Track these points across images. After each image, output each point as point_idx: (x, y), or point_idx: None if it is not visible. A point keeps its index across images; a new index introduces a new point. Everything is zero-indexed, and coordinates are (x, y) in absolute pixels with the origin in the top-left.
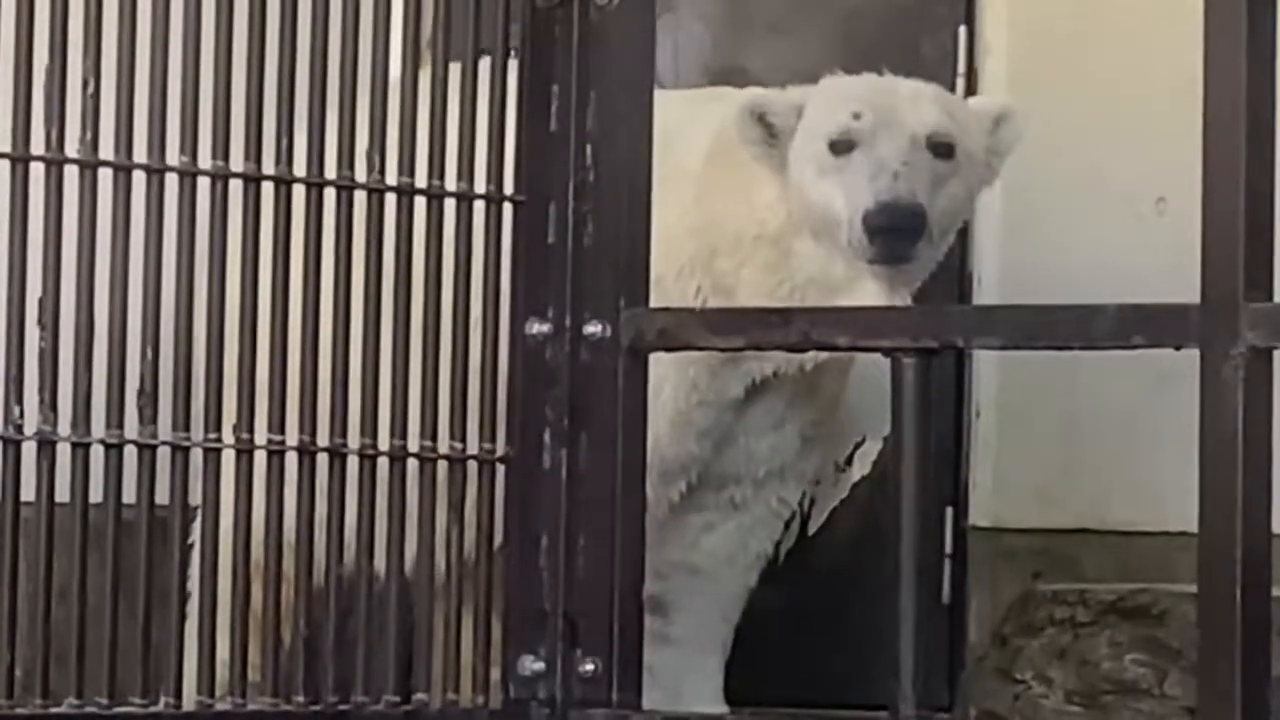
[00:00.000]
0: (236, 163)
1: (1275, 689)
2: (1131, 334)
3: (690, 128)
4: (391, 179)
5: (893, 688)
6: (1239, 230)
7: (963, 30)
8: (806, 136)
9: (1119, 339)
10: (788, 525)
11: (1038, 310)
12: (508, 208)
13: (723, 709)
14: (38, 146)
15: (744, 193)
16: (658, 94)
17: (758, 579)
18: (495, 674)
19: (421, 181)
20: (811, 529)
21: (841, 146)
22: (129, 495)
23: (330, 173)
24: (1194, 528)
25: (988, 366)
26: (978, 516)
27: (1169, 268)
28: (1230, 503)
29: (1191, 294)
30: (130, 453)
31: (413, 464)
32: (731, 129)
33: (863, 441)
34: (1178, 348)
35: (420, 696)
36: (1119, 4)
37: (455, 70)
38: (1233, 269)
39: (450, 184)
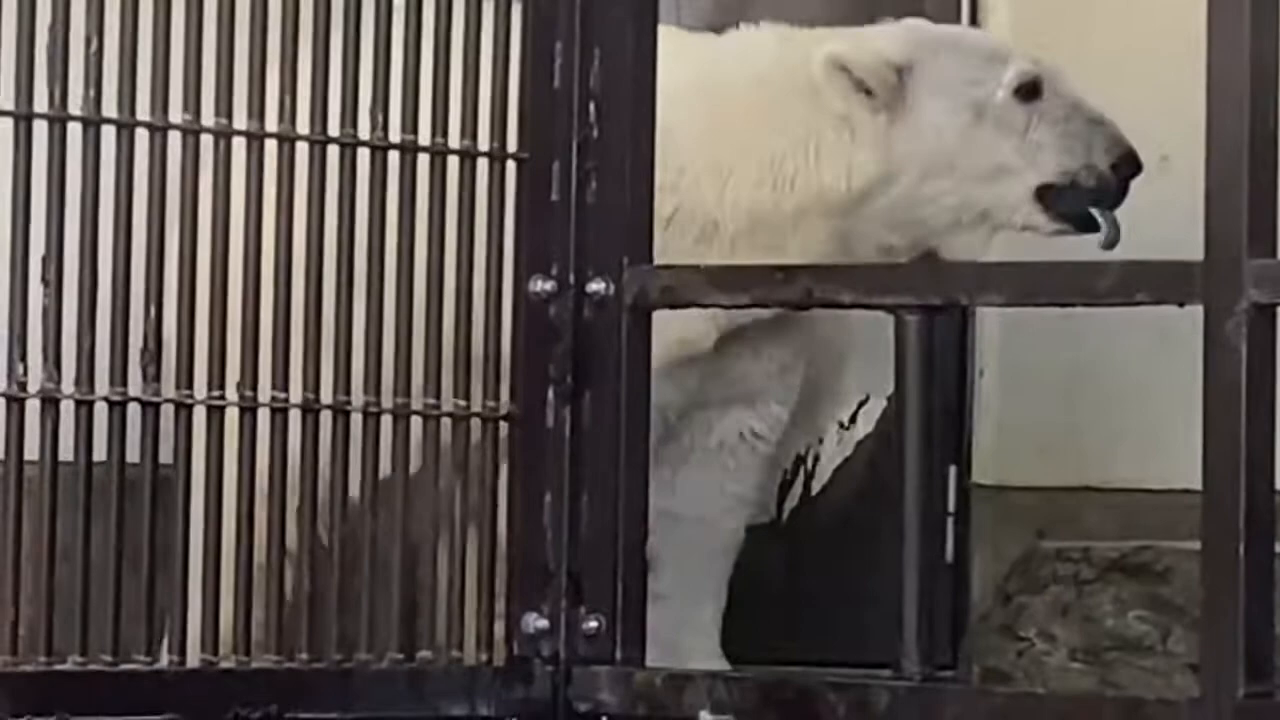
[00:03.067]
0: (240, 120)
1: (1279, 646)
2: (1135, 291)
3: None
4: (395, 136)
5: (896, 646)
6: (1242, 187)
7: None
8: (951, 84)
9: (1122, 296)
10: (788, 485)
11: (1041, 267)
12: (511, 165)
13: (721, 663)
14: (41, 104)
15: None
16: None
17: (744, 528)
18: (499, 631)
19: (425, 139)
20: (815, 488)
21: (1029, 92)
22: (133, 453)
23: (333, 130)
24: (1197, 485)
25: (991, 324)
26: (981, 474)
27: (1173, 225)
28: (1233, 459)
29: (1195, 251)
30: (134, 410)
31: (416, 421)
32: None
33: (866, 400)
34: (1181, 305)
35: (424, 654)
36: None
37: (459, 27)
38: (1236, 226)
39: (454, 141)
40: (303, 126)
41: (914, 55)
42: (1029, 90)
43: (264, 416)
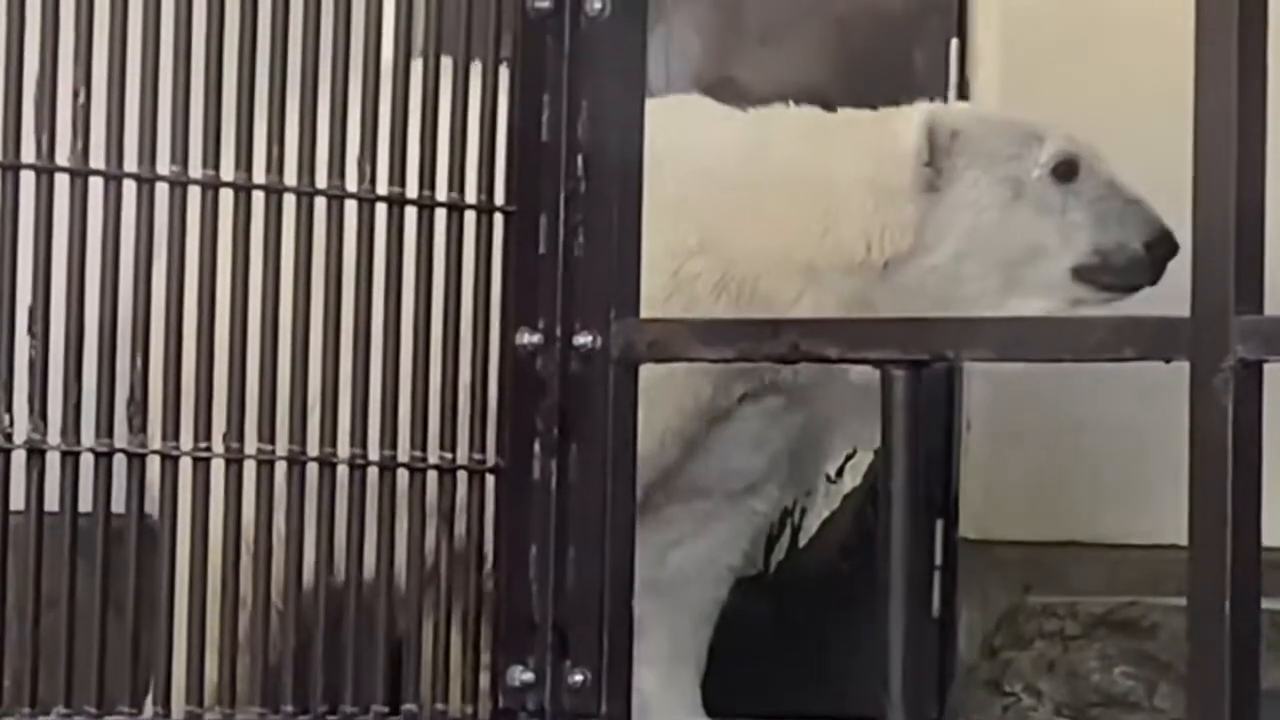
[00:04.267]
0: (227, 172)
1: (1264, 703)
2: (1122, 346)
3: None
4: (382, 188)
5: (882, 699)
6: (1229, 243)
7: (954, 42)
8: (992, 161)
9: (1110, 351)
10: (775, 538)
11: (1029, 322)
12: (498, 218)
13: None
14: (28, 155)
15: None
16: None
17: (728, 590)
18: (484, 684)
19: (412, 191)
20: (802, 540)
21: (1065, 172)
22: (118, 504)
23: (321, 182)
24: (1184, 540)
25: (978, 378)
26: (968, 528)
27: (1161, 280)
28: (1220, 516)
29: (1182, 307)
30: (120, 461)
31: (402, 474)
32: (913, 142)
33: (854, 453)
34: (1168, 360)
35: (409, 707)
36: (1111, 16)
37: (446, 80)
38: (1223, 282)
39: (441, 194)
40: (290, 179)
41: (962, 128)
42: (1065, 170)
43: (250, 468)
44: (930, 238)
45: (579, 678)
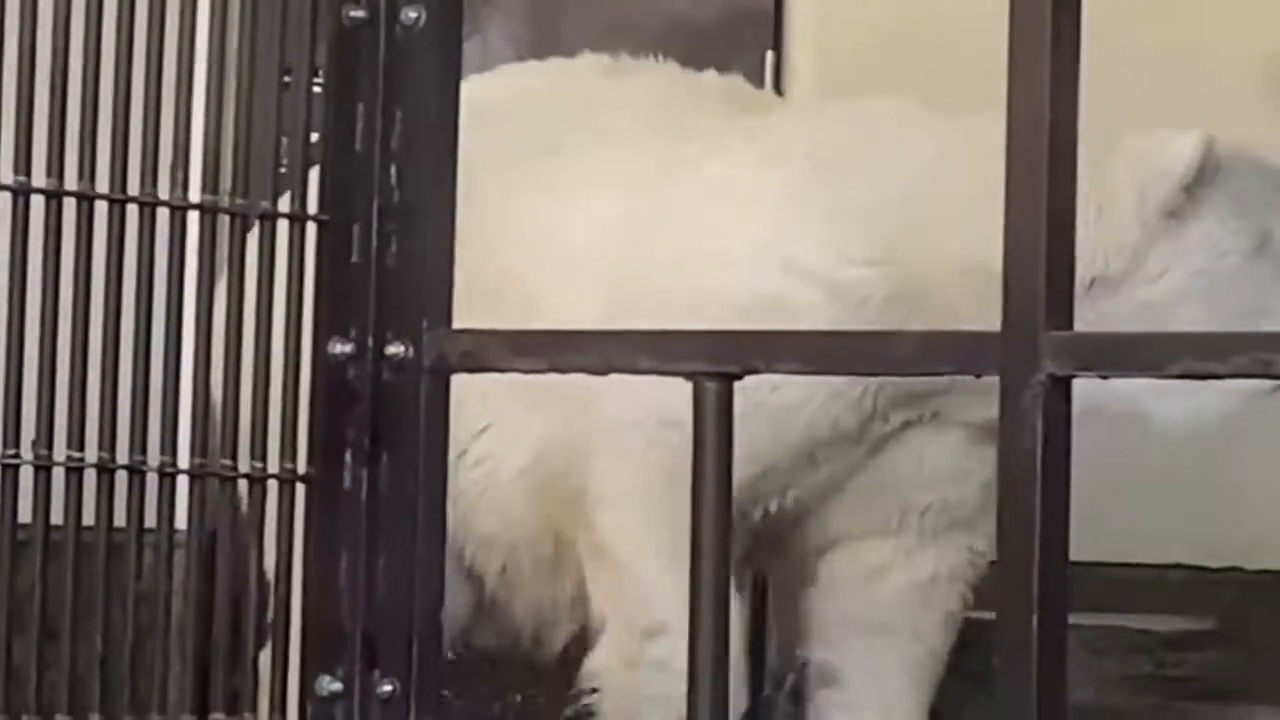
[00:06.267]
0: (39, 178)
1: (1072, 717)
2: (934, 361)
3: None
4: (195, 196)
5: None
6: (1039, 256)
7: (770, 55)
8: (1245, 205)
9: (922, 366)
10: None
11: (835, 335)
12: (311, 227)
13: None
14: None
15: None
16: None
17: (949, 642)
18: (293, 694)
19: (225, 200)
20: None
21: None
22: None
23: (133, 189)
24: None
25: None
26: None
27: None
28: (1028, 531)
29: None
30: None
31: (213, 482)
32: (1184, 166)
33: None
34: (979, 375)
35: (217, 716)
36: (926, 34)
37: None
38: (1034, 297)
39: (256, 203)
40: (102, 185)
41: (1224, 162)
42: None
43: (59, 475)
44: (1150, 268)
45: (388, 688)
